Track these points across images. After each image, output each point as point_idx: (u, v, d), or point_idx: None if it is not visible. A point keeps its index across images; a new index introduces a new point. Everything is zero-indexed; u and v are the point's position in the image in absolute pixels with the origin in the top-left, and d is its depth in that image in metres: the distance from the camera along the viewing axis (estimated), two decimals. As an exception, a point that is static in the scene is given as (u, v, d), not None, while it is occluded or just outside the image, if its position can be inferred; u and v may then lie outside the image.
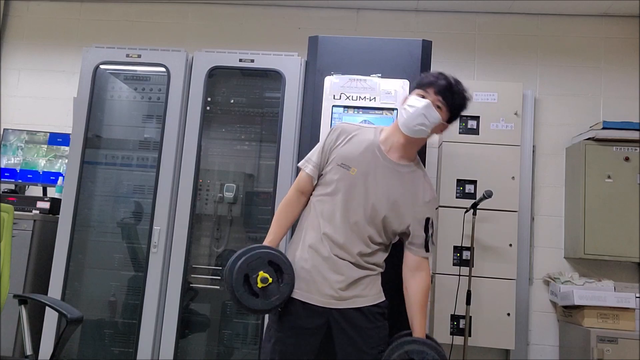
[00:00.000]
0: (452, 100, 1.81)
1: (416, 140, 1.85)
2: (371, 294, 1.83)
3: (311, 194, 1.91)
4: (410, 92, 1.88)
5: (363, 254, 1.81)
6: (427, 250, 1.86)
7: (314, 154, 1.92)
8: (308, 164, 1.91)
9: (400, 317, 1.89)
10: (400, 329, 1.89)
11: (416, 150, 1.91)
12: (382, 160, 1.84)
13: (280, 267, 1.77)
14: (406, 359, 1.75)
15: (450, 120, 1.86)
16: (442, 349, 1.81)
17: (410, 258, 1.87)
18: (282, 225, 1.90)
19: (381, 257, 1.87)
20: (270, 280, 1.74)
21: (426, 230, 1.85)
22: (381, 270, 1.89)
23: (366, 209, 1.80)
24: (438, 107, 1.79)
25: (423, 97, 1.80)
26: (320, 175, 1.89)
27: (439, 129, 1.86)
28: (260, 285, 1.73)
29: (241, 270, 1.75)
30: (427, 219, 1.85)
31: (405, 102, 1.84)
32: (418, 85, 1.84)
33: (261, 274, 1.74)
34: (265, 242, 1.87)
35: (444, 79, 1.81)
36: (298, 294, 1.80)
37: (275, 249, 1.84)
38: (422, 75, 1.89)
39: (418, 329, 1.82)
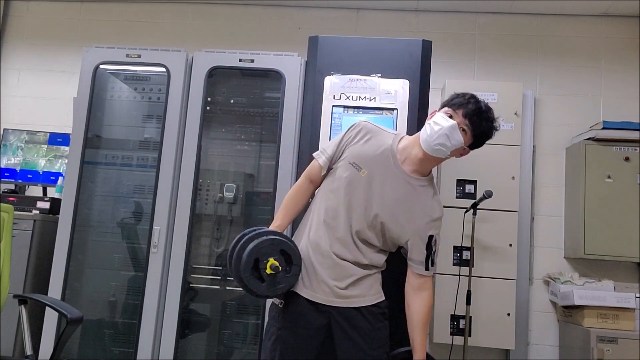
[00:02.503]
0: (480, 126, 1.77)
1: (433, 158, 1.80)
2: (370, 293, 1.83)
3: (319, 185, 1.91)
4: (439, 108, 1.83)
5: (362, 253, 1.81)
6: (427, 268, 1.82)
7: (329, 147, 1.90)
8: (322, 155, 1.89)
9: (401, 315, 1.89)
10: (399, 326, 1.89)
11: (431, 168, 1.86)
12: (394, 168, 1.81)
13: (290, 257, 1.76)
14: None
15: (472, 146, 1.82)
16: None
17: (412, 276, 1.84)
18: (289, 211, 1.90)
19: (381, 258, 1.86)
20: (280, 268, 1.72)
21: (429, 247, 1.81)
22: (381, 269, 1.89)
23: (368, 212, 1.79)
24: (463, 130, 1.75)
25: (450, 116, 1.76)
26: (330, 169, 1.88)
27: (459, 152, 1.81)
28: (269, 271, 1.71)
29: (252, 253, 1.72)
30: (431, 237, 1.82)
31: (431, 118, 1.80)
32: (448, 103, 1.80)
33: (271, 261, 1.72)
34: (272, 227, 1.85)
35: (474, 103, 1.77)
36: (302, 290, 1.80)
37: (287, 237, 1.82)
38: (453, 94, 1.83)
39: (419, 349, 1.80)
